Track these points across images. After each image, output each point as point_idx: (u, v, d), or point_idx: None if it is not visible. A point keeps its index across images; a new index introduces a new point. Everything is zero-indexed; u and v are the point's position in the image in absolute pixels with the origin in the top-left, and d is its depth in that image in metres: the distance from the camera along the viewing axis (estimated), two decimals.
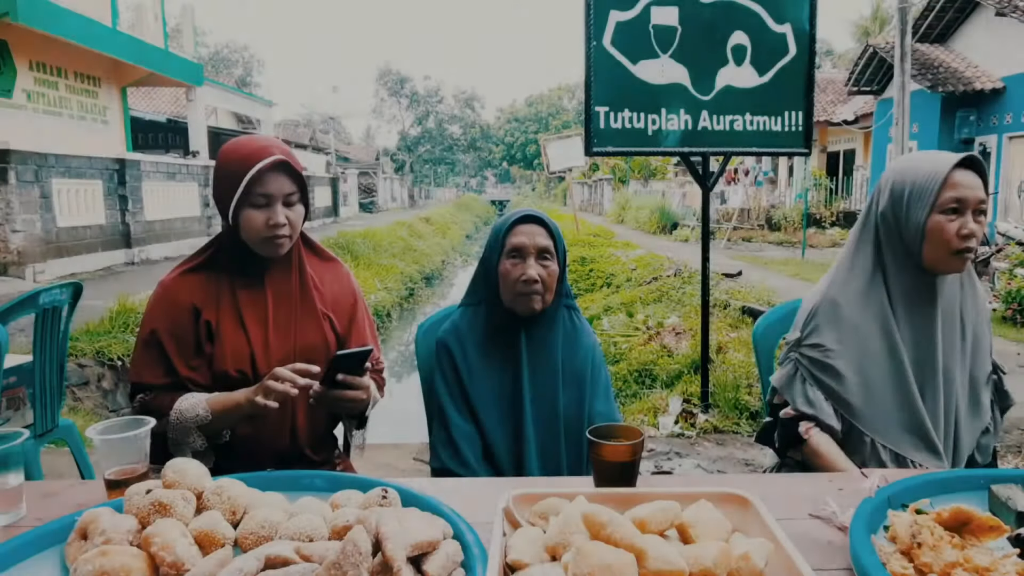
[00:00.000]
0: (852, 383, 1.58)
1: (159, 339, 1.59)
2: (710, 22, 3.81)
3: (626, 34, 3.64)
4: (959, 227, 1.49)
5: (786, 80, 4.01)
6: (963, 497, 0.96)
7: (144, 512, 0.81)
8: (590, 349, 1.83)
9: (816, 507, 0.99)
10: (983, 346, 1.67)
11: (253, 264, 1.67)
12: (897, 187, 1.58)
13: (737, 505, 0.87)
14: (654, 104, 3.75)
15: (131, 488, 0.87)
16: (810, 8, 4.01)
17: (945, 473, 1.06)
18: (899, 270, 1.59)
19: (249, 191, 1.57)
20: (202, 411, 1.52)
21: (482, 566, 0.75)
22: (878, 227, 1.62)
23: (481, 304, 1.80)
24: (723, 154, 4.03)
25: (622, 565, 0.65)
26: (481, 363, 1.75)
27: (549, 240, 1.72)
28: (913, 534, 0.78)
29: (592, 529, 0.72)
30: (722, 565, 0.71)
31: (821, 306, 1.65)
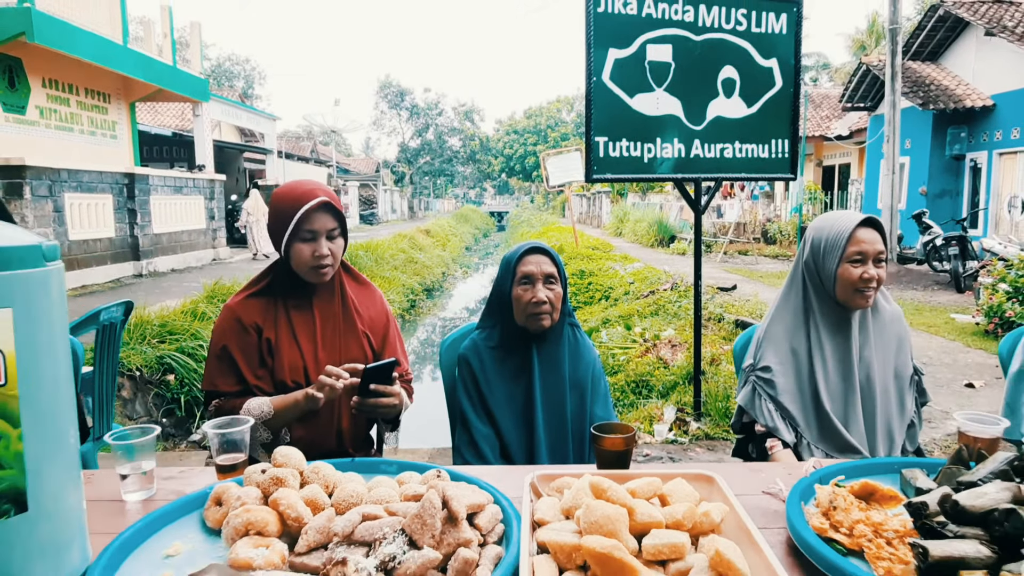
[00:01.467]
0: (794, 399, 1.90)
1: (230, 353, 1.88)
2: (702, 58, 4.11)
3: (624, 70, 3.93)
4: (862, 273, 1.86)
5: (773, 110, 4.30)
6: (885, 478, 1.24)
7: (264, 485, 1.08)
8: (592, 362, 2.12)
9: (767, 486, 1.27)
10: (905, 357, 2.00)
11: (302, 289, 1.95)
12: (815, 242, 1.95)
13: (705, 482, 1.15)
14: (650, 134, 4.04)
15: (249, 468, 1.14)
16: (795, 44, 4.32)
17: (867, 460, 1.35)
18: (821, 305, 1.96)
19: (298, 228, 1.86)
20: (267, 408, 1.80)
21: (516, 522, 1.03)
22: (804, 272, 1.98)
23: (496, 324, 2.08)
24: (714, 179, 4.32)
25: (618, 515, 0.93)
26: (497, 374, 2.03)
27: (553, 267, 2.01)
28: (830, 500, 1.06)
29: (596, 492, 1.00)
30: (688, 518, 0.98)
31: (765, 336, 2.00)
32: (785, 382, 1.95)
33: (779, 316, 2.03)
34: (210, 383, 1.89)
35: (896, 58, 12.20)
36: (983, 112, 15.10)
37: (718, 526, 1.00)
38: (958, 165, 16.12)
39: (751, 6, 4.16)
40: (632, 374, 6.83)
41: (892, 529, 1.00)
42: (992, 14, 14.87)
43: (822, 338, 1.95)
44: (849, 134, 21.38)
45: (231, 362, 1.89)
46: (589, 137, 3.91)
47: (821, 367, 1.94)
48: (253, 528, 0.99)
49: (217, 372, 1.88)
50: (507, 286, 2.02)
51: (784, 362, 1.97)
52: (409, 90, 52.71)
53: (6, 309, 0.77)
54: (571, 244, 17.92)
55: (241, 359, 1.88)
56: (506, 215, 61.12)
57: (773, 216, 21.42)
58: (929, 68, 16.43)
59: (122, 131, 15.02)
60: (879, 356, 1.98)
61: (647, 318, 8.96)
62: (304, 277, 1.92)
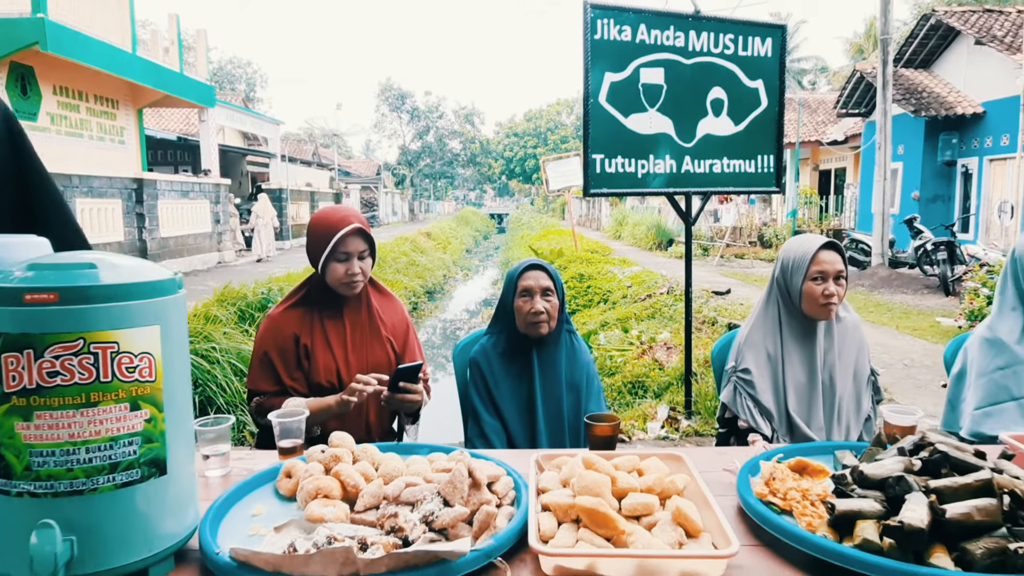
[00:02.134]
0: (770, 398, 2.19)
1: (270, 358, 2.16)
2: (692, 80, 4.39)
3: (619, 92, 4.21)
4: (823, 290, 2.15)
5: (759, 128, 4.59)
6: (823, 458, 1.52)
7: (325, 460, 1.37)
8: (586, 364, 2.41)
9: (727, 464, 1.56)
10: (863, 360, 2.28)
11: (335, 301, 2.24)
12: (784, 262, 2.25)
13: (675, 460, 1.43)
14: (643, 151, 4.32)
15: (312, 448, 1.43)
16: (779, 66, 4.61)
17: (810, 444, 1.64)
18: (790, 316, 2.25)
19: (334, 249, 2.15)
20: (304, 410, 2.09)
21: (524, 489, 1.32)
22: (777, 287, 2.27)
23: (502, 331, 2.37)
24: (703, 193, 4.61)
25: (603, 481, 1.21)
26: (504, 375, 2.32)
27: (550, 281, 2.31)
28: (771, 473, 1.34)
29: (587, 465, 1.28)
30: (657, 485, 1.27)
31: (745, 342, 2.29)
32: (762, 383, 2.23)
33: (758, 324, 2.32)
34: (253, 383, 2.17)
35: (887, 67, 12.51)
36: (974, 119, 15.40)
37: (681, 492, 1.29)
38: (950, 171, 16.42)
39: (738, 31, 4.45)
40: (629, 375, 7.12)
41: (816, 494, 1.29)
42: (982, 23, 15.18)
43: (792, 345, 2.24)
44: (845, 139, 21.67)
45: (271, 365, 2.18)
46: (587, 154, 4.20)
47: (790, 370, 2.23)
48: (322, 492, 1.27)
49: (259, 374, 2.17)
50: (510, 298, 2.31)
51: (761, 365, 2.25)
52: (410, 93, 53.05)
53: (155, 326, 1.05)
54: (571, 247, 18.19)
55: (279, 363, 2.17)
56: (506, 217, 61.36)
57: (769, 220, 21.72)
58: (921, 75, 16.73)
59: (130, 136, 15.29)
60: (840, 360, 2.27)
61: (644, 321, 9.24)
62: (337, 291, 2.21)
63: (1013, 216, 14.37)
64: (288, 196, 22.30)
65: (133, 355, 1.02)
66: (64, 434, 0.98)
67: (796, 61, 48.45)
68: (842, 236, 16.56)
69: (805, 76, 48.77)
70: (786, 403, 2.23)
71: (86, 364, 0.98)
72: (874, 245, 13.42)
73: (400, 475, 1.33)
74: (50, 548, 0.97)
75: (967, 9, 16.12)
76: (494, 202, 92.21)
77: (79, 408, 0.99)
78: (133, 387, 1.03)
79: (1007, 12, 15.85)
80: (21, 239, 1.34)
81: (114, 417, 1.01)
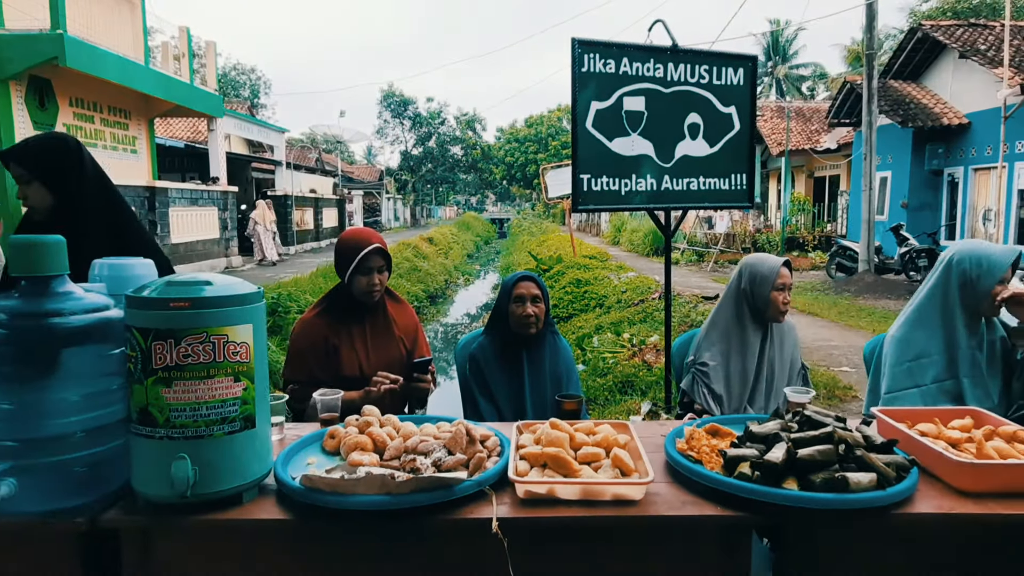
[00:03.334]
0: (721, 386, 2.66)
1: (303, 355, 2.64)
2: (670, 107, 4.86)
3: (604, 119, 4.67)
4: (783, 299, 2.65)
5: (732, 150, 5.05)
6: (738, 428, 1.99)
7: (359, 424, 1.84)
8: (567, 359, 2.89)
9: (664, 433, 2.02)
10: (796, 357, 2.75)
11: (357, 307, 2.71)
12: (753, 275, 2.73)
13: (622, 428, 1.90)
14: (626, 171, 4.78)
15: (348, 417, 1.90)
16: (750, 93, 5.08)
17: (730, 416, 2.12)
18: (752, 320, 2.73)
19: (359, 265, 2.62)
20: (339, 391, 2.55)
21: (507, 446, 1.78)
22: (743, 296, 2.72)
23: (497, 332, 2.85)
24: (681, 208, 5.08)
25: (563, 438, 1.68)
26: (498, 368, 2.80)
27: (538, 290, 2.79)
28: (690, 434, 1.81)
29: (552, 426, 1.76)
30: (604, 441, 1.73)
31: (705, 340, 2.76)
32: (715, 374, 2.70)
33: (714, 325, 2.80)
34: (289, 374, 2.65)
35: (873, 81, 13.00)
36: (959, 130, 15.88)
37: (623, 446, 1.75)
38: (936, 179, 16.90)
39: (712, 62, 4.92)
40: (619, 375, 7.59)
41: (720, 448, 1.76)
42: (967, 37, 15.67)
43: (743, 343, 2.71)
44: (838, 147, 22.17)
45: (303, 360, 2.65)
46: (576, 174, 4.67)
47: (740, 363, 2.70)
48: (359, 446, 1.74)
49: (293, 368, 2.65)
50: (505, 304, 2.79)
51: (715, 359, 2.72)
52: (412, 99, 53.62)
53: (249, 324, 1.52)
54: (569, 253, 18.66)
55: (311, 359, 2.64)
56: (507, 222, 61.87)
57: (763, 227, 22.20)
58: (909, 87, 17.22)
59: (141, 146, 15.78)
60: (779, 356, 2.75)
61: (636, 325, 9.71)
62: (359, 299, 2.69)
63: (996, 223, 14.85)
64: (293, 202, 22.80)
65: (236, 344, 1.49)
66: (192, 396, 1.45)
67: (795, 68, 48.96)
68: (831, 243, 17.04)
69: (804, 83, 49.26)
70: (735, 390, 2.70)
71: (207, 350, 1.45)
72: (861, 252, 13.89)
73: (415, 433, 1.80)
74: (183, 474, 1.44)
75: (953, 23, 16.62)
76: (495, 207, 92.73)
77: (202, 379, 1.46)
78: (236, 366, 1.50)
79: (991, 26, 16.34)
80: (137, 261, 1.82)
81: (224, 386, 1.48)
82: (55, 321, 1.47)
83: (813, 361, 7.46)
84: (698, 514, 1.52)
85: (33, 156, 2.23)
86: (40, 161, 2.23)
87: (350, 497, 1.47)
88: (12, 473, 1.44)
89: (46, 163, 2.24)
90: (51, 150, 2.26)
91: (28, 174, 2.22)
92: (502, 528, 1.45)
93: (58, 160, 2.25)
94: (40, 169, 2.23)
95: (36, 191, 2.24)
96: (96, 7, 13.34)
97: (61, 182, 2.24)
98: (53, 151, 2.26)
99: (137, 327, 1.44)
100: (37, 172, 2.23)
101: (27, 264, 1.49)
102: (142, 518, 1.51)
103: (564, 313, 12.50)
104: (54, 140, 2.32)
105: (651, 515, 1.52)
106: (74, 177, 2.26)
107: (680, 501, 1.58)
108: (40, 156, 2.24)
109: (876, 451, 1.64)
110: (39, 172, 2.23)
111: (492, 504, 1.52)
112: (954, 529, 1.56)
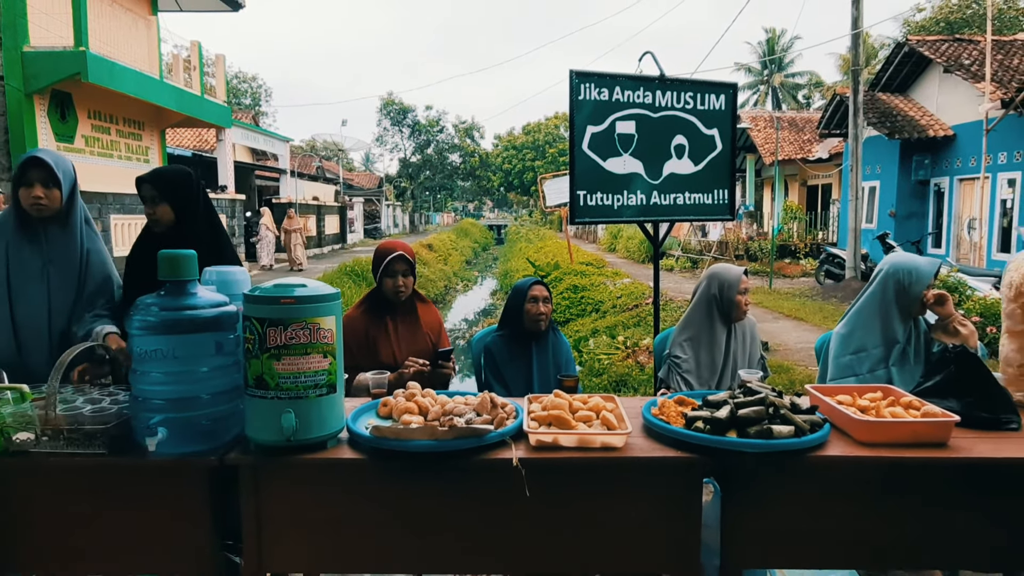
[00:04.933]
0: (693, 376, 3.20)
1: (347, 344, 3.17)
2: (658, 129, 5.41)
3: (598, 141, 5.23)
4: (744, 301, 3.19)
5: (714, 168, 5.60)
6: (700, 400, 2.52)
7: (407, 395, 2.38)
8: (567, 351, 3.44)
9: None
10: (756, 349, 3.30)
11: (391, 306, 3.26)
12: (721, 283, 3.27)
13: (609, 399, 2.43)
14: (618, 188, 5.33)
15: (397, 390, 2.44)
16: (731, 116, 5.63)
17: (696, 391, 2.66)
18: (720, 318, 3.28)
19: (385, 268, 3.17)
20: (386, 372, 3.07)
21: (521, 412, 2.32)
22: (712, 300, 3.26)
23: (509, 328, 3.39)
24: (669, 221, 5.63)
25: (564, 404, 2.22)
26: (509, 358, 3.34)
27: (547, 293, 3.34)
28: (660, 404, 2.35)
29: (555, 395, 2.30)
30: (595, 407, 2.27)
31: (680, 335, 3.29)
32: (688, 364, 3.25)
33: (687, 324, 3.34)
34: None
35: (859, 96, 13.59)
36: (945, 141, 16.48)
37: (611, 411, 2.30)
38: (923, 189, 17.49)
39: (696, 90, 5.47)
40: (613, 376, 8.14)
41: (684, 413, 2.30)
42: (952, 52, 16.28)
43: (713, 337, 3.26)
44: (829, 156, 22.76)
45: (347, 349, 3.18)
46: (573, 190, 5.22)
47: (709, 354, 3.24)
48: (408, 410, 2.28)
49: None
50: (519, 304, 3.34)
51: (688, 352, 3.27)
52: (411, 107, 54.29)
53: (332, 316, 2.06)
54: (566, 260, 19.21)
55: (353, 347, 3.18)
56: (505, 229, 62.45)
57: (756, 235, 22.78)
58: (897, 99, 17.82)
59: (153, 156, 16.31)
60: (741, 348, 3.29)
61: (630, 328, 10.26)
62: (389, 298, 3.23)
63: (980, 232, 15.42)
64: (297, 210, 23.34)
65: (325, 330, 2.04)
66: (294, 368, 2.00)
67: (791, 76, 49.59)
68: (820, 251, 17.61)
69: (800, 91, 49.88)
70: (704, 377, 3.24)
71: (306, 334, 2.00)
72: (848, 259, 14.46)
73: (451, 402, 2.34)
74: (289, 424, 1.98)
75: (939, 39, 17.24)
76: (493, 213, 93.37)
77: (301, 355, 2.00)
78: (324, 346, 2.04)
79: (976, 41, 16.95)
80: (237, 269, 2.37)
81: (316, 361, 2.02)
82: (190, 313, 2.02)
83: (794, 361, 8.01)
84: (664, 455, 2.07)
85: (166, 182, 2.81)
86: (171, 187, 2.81)
87: (408, 442, 2.01)
88: (162, 424, 1.98)
89: (175, 189, 2.81)
90: (180, 180, 2.85)
91: (159, 196, 2.79)
92: (520, 466, 1.99)
93: (184, 188, 2.83)
94: (170, 193, 2.80)
95: (163, 210, 2.82)
96: (115, 24, 13.89)
97: (183, 205, 2.81)
98: (181, 181, 2.85)
99: (256, 317, 1.99)
100: (167, 195, 2.80)
101: (171, 271, 2.03)
102: (254, 458, 2.05)
103: (561, 318, 13.04)
104: (183, 173, 2.90)
105: (629, 456, 2.06)
106: (193, 202, 2.83)
107: (651, 448, 2.12)
108: (171, 183, 2.82)
109: (801, 414, 2.18)
110: (168, 195, 2.80)
111: (512, 449, 2.06)
112: (856, 468, 2.10)
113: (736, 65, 48.98)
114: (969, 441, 2.15)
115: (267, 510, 2.06)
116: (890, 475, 2.10)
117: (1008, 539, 2.09)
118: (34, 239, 2.70)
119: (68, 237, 2.76)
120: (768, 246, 20.37)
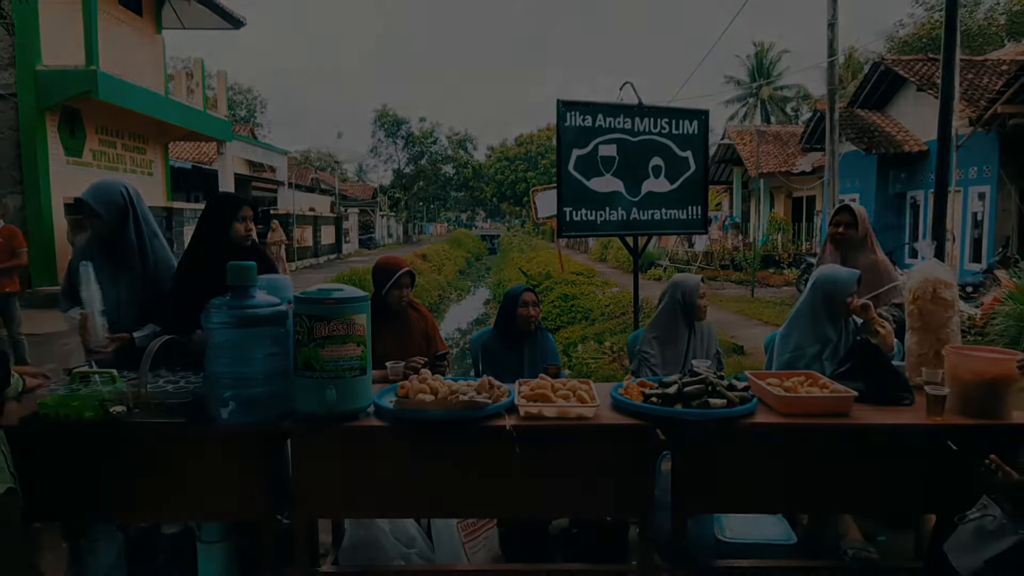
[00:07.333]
0: (660, 369, 3.76)
1: None
2: (637, 151, 5.99)
3: (583, 162, 5.79)
4: (703, 304, 3.72)
5: (689, 187, 6.18)
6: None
7: (420, 378, 2.92)
8: (553, 348, 4.00)
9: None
10: (713, 345, 3.87)
11: (392, 313, 3.80)
12: (684, 290, 3.81)
13: (584, 383, 2.98)
14: (601, 204, 5.90)
15: (411, 376, 2.98)
16: (703, 140, 6.22)
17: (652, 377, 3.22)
18: (683, 319, 3.82)
19: (397, 282, 3.72)
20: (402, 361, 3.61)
21: (513, 392, 2.87)
22: (675, 303, 3.81)
23: (503, 328, 3.95)
24: (647, 234, 6.20)
25: (546, 384, 2.77)
26: (503, 355, 3.90)
27: (536, 298, 3.90)
28: (626, 384, 2.90)
29: (542, 379, 2.85)
30: (572, 387, 2.82)
31: (647, 334, 3.85)
32: (655, 359, 3.81)
33: (655, 325, 3.90)
34: None
35: (835, 113, 14.24)
36: (919, 156, 17.14)
37: (585, 390, 2.85)
38: (900, 202, 18.16)
39: (671, 116, 6.06)
40: (599, 378, 8.69)
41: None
42: (925, 71, 16.98)
43: (676, 336, 3.82)
44: (812, 170, 23.43)
45: None
46: (560, 207, 5.78)
47: (675, 350, 3.81)
48: (422, 390, 2.83)
49: None
50: (512, 308, 3.90)
51: (655, 348, 3.83)
52: (406, 119, 54.94)
53: (364, 313, 2.61)
54: (557, 270, 19.77)
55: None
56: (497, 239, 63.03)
57: (742, 245, 23.42)
58: (874, 116, 18.50)
59: (157, 169, 16.83)
60: (700, 346, 3.86)
61: (616, 335, 10.81)
62: (392, 307, 3.78)
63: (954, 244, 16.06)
64: (295, 221, 23.87)
65: (358, 325, 2.59)
66: (335, 354, 2.54)
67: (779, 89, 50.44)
68: (801, 260, 18.24)
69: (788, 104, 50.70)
70: (669, 370, 3.80)
71: (344, 328, 2.55)
72: None
73: (456, 384, 2.89)
74: (332, 398, 2.53)
75: (913, 58, 17.97)
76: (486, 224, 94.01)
77: (341, 344, 2.55)
78: (357, 338, 2.59)
79: None
80: (281, 277, 2.93)
81: (351, 349, 2.58)
82: (252, 312, 2.57)
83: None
84: (625, 423, 2.63)
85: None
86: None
87: (424, 412, 2.57)
88: (231, 398, 2.53)
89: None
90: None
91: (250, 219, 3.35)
92: (512, 430, 2.55)
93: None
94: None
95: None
96: (123, 43, 14.43)
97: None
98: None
99: (305, 314, 2.54)
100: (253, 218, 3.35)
101: (238, 278, 2.58)
102: (302, 426, 2.60)
103: (552, 326, 13.58)
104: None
105: (598, 424, 2.63)
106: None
107: (616, 418, 2.68)
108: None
109: (735, 391, 2.74)
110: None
111: (505, 419, 2.62)
112: (776, 432, 2.66)
113: (726, 78, 49.85)
114: (868, 412, 2.72)
115: (311, 466, 2.61)
116: (804, 438, 2.66)
117: (899, 487, 2.66)
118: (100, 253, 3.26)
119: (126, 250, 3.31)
120: (751, 257, 21.00)
